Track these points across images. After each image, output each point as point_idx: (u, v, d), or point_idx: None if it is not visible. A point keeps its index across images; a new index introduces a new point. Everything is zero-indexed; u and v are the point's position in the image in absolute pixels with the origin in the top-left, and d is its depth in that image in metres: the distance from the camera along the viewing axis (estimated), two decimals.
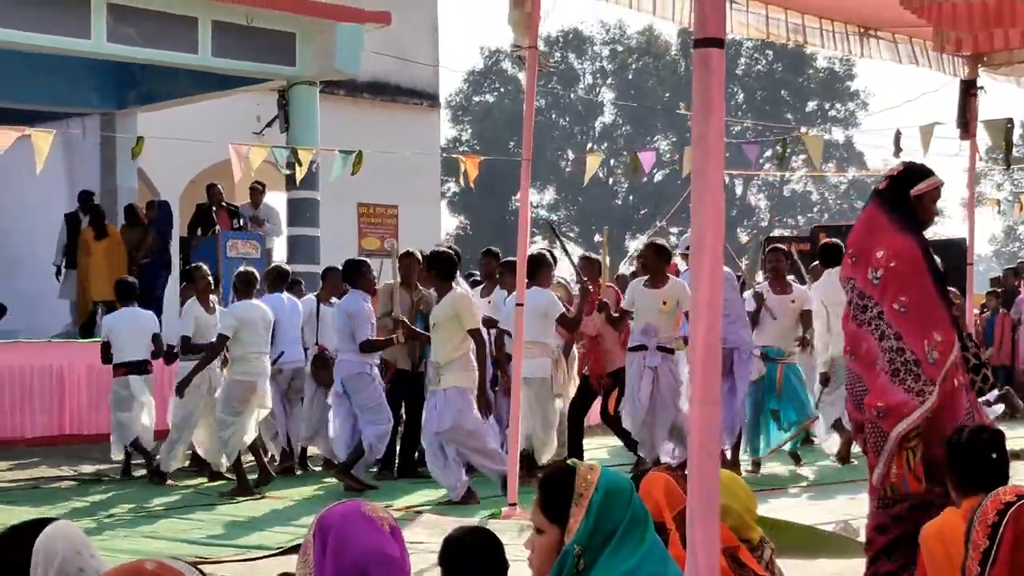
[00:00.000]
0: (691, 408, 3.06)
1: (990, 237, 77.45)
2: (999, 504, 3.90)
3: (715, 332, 3.03)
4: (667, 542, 4.59)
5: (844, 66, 64.88)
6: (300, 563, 3.37)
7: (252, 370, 13.12)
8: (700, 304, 3.04)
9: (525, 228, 10.97)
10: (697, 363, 3.02)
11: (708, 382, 3.00)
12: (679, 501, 4.72)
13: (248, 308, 13.30)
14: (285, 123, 20.28)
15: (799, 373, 13.75)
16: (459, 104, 67.69)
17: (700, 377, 2.99)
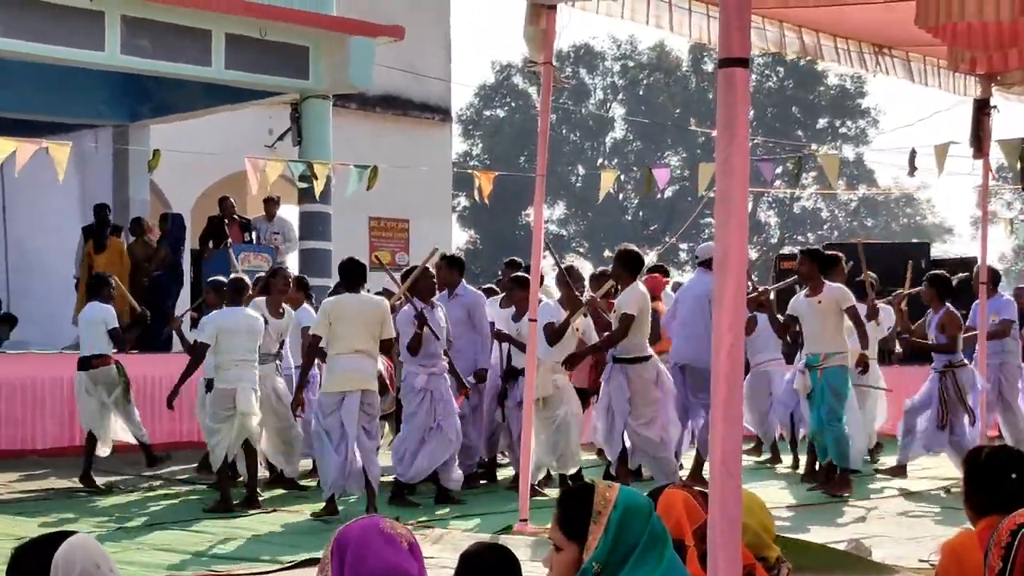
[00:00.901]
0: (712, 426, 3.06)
1: (1000, 255, 77.39)
2: (1013, 525, 3.90)
3: (738, 351, 3.03)
4: (686, 559, 4.59)
5: (855, 83, 64.88)
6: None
7: (232, 378, 13.02)
8: (723, 324, 3.04)
9: (538, 243, 10.99)
10: (720, 382, 3.02)
11: (731, 400, 3.00)
12: (698, 518, 4.72)
13: (229, 316, 13.15)
14: (298, 136, 20.32)
15: (838, 378, 13.17)
16: (470, 118, 67.74)
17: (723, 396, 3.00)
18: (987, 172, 13.21)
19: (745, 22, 3.16)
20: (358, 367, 12.31)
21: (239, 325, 13.07)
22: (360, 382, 12.30)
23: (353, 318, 12.34)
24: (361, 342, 12.35)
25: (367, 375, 12.39)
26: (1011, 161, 13.00)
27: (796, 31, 10.86)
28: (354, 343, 12.32)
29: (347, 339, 12.31)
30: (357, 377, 12.29)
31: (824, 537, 10.00)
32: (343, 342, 12.32)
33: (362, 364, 12.35)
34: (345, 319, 12.33)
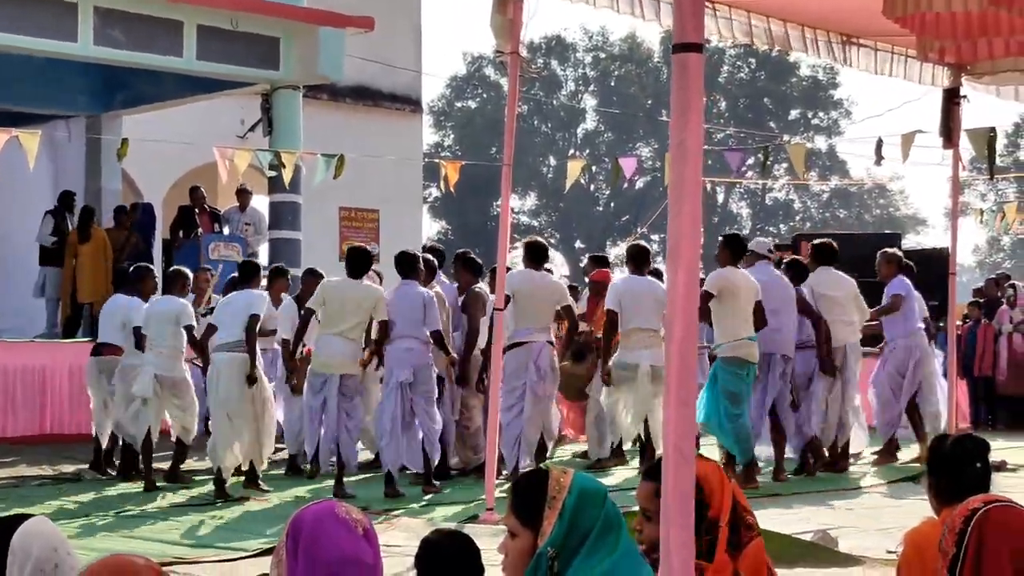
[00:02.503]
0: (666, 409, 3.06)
1: (974, 247, 77.65)
2: (966, 511, 3.91)
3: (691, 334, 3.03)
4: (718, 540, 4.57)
5: (827, 74, 65.04)
6: (273, 564, 3.35)
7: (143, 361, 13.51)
8: (677, 307, 3.04)
9: (505, 233, 10.99)
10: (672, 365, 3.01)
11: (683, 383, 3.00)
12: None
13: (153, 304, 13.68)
14: (268, 127, 20.28)
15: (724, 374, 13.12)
16: (441, 109, 67.71)
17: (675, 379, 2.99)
18: (957, 162, 13.22)
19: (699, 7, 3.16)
20: (340, 351, 12.79)
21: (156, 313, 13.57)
22: (340, 367, 12.79)
23: (343, 301, 12.85)
24: (348, 325, 12.81)
25: (347, 359, 12.84)
26: (979, 151, 13.00)
27: (764, 20, 10.85)
28: (341, 325, 12.79)
29: (335, 320, 12.80)
30: (338, 361, 12.80)
31: (791, 528, 10.01)
32: (331, 323, 12.82)
33: (344, 348, 12.81)
34: (336, 300, 12.87)
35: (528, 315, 13.17)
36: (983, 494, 4.08)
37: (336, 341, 12.80)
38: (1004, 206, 25.52)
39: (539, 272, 13.56)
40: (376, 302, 12.87)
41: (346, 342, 12.83)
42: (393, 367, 13.03)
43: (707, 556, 4.53)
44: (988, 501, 3.93)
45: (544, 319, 13.34)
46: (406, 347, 13.00)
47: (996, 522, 3.82)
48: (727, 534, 4.58)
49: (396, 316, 13.01)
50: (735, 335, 12.92)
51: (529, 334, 13.16)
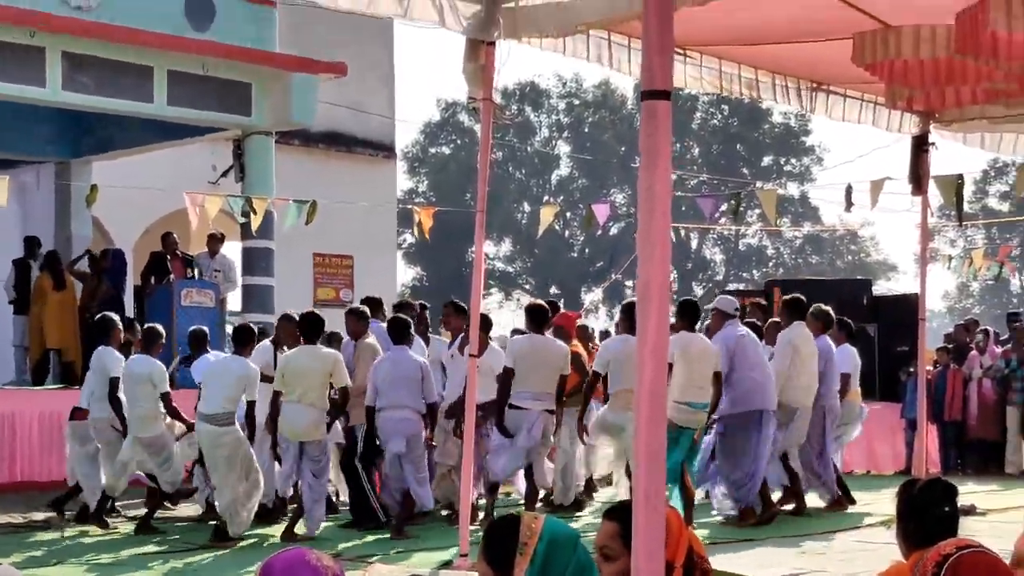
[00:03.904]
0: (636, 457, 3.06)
1: (943, 293, 77.95)
2: (938, 556, 3.92)
3: (660, 381, 3.04)
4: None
5: (799, 121, 65.36)
6: None
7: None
8: (646, 353, 3.05)
9: (479, 279, 10.99)
10: (643, 412, 3.02)
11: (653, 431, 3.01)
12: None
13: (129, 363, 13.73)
14: (240, 173, 20.28)
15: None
16: (415, 155, 67.77)
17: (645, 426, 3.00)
18: (926, 209, 13.30)
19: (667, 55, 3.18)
20: (302, 418, 12.97)
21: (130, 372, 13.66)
22: (303, 434, 13.02)
23: (303, 371, 12.97)
24: (309, 393, 12.96)
25: (311, 425, 13.02)
26: (947, 197, 13.09)
27: (735, 67, 10.92)
28: (302, 394, 12.95)
29: (296, 390, 12.95)
30: (301, 429, 13.00)
31: (763, 572, 10.01)
32: (292, 392, 12.97)
33: (306, 415, 12.99)
34: (293, 371, 13.02)
35: (528, 380, 13.21)
36: (955, 539, 4.09)
37: (295, 409, 12.96)
38: (972, 252, 25.60)
39: (542, 336, 13.55)
40: (334, 366, 13.05)
41: (306, 409, 12.98)
42: (388, 438, 13.19)
43: None
44: (960, 546, 3.94)
45: (544, 385, 13.32)
46: (400, 417, 13.14)
47: (968, 567, 3.83)
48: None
49: (388, 383, 13.10)
50: (679, 398, 12.87)
51: (526, 399, 13.22)
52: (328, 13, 19.72)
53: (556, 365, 13.41)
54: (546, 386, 13.32)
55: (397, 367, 13.15)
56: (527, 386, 13.20)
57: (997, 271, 24.65)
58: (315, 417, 13.03)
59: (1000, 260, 24.80)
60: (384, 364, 13.28)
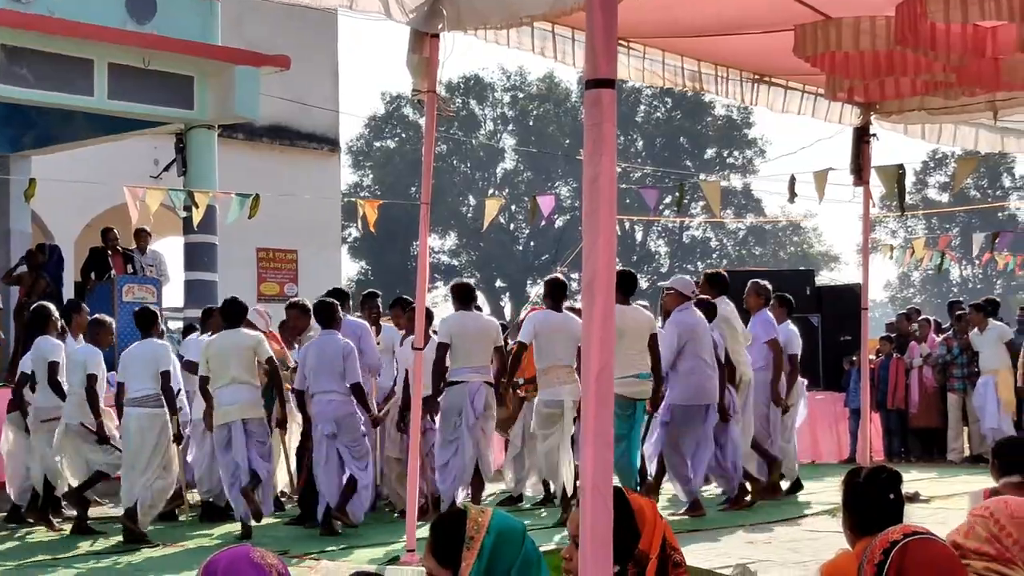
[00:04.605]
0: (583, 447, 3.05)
1: (886, 283, 78.52)
2: (885, 543, 3.92)
3: (608, 371, 3.02)
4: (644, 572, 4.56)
5: (742, 114, 65.65)
6: None
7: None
8: (593, 341, 3.03)
9: (423, 272, 10.95)
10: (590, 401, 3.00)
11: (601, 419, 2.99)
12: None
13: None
14: (183, 167, 20.16)
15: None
16: (360, 149, 67.64)
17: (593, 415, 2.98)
18: (867, 199, 13.33)
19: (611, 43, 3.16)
20: (239, 397, 12.98)
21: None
22: (240, 412, 12.98)
23: (227, 353, 13.02)
24: (241, 374, 12.99)
25: (247, 404, 13.03)
26: (889, 187, 13.14)
27: (678, 59, 10.92)
28: (233, 376, 12.97)
29: (225, 374, 12.99)
30: (236, 408, 12.98)
31: (712, 562, 10.02)
32: (222, 377, 13.00)
33: (240, 394, 13.00)
34: (217, 357, 13.04)
35: (464, 355, 13.23)
36: (901, 525, 4.09)
37: (229, 391, 12.99)
38: (913, 242, 25.76)
39: (471, 313, 13.60)
40: (257, 345, 13.13)
41: (240, 387, 13.01)
42: (317, 421, 13.16)
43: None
44: (907, 533, 3.95)
45: (480, 358, 13.36)
46: (327, 399, 13.07)
47: (915, 553, 3.84)
48: (655, 568, 4.58)
49: (316, 367, 13.09)
50: (624, 373, 12.90)
51: (465, 373, 13.21)
52: (272, 6, 19.72)
53: (490, 338, 13.47)
54: (482, 359, 13.36)
55: (322, 351, 13.14)
56: (464, 361, 13.24)
57: (939, 261, 24.83)
58: (250, 395, 13.04)
59: (941, 250, 24.98)
60: (310, 349, 13.27)
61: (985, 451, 17.50)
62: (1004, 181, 69.41)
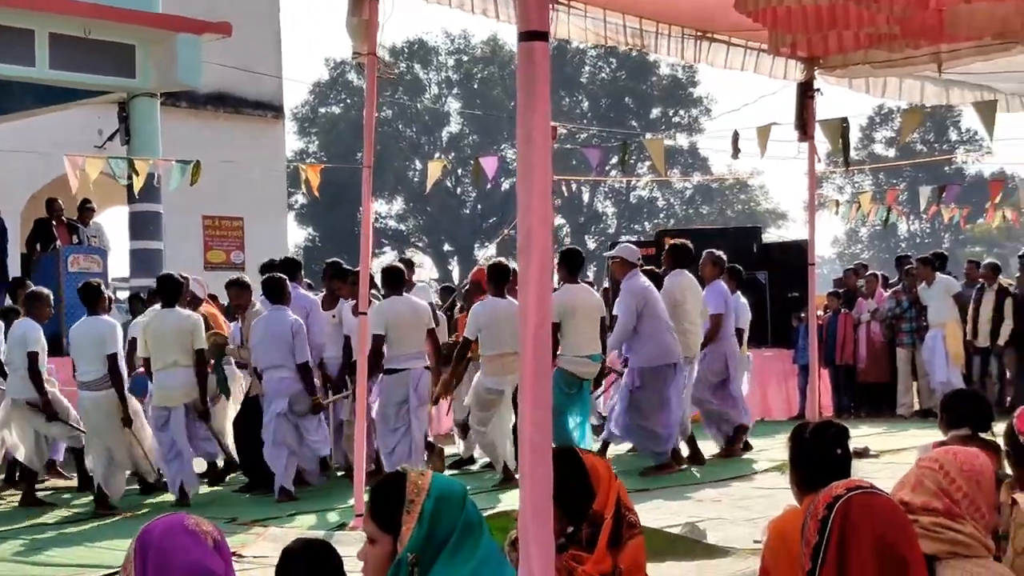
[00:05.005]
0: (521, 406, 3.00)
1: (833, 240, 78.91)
2: (829, 498, 3.90)
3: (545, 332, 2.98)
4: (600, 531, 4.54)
5: (687, 73, 65.71)
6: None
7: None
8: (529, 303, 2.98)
9: (367, 236, 10.90)
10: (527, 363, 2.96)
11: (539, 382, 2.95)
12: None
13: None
14: (126, 136, 20.01)
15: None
16: (305, 116, 67.32)
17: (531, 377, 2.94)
18: (813, 155, 13.33)
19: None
20: (180, 382, 13.03)
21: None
22: (181, 397, 13.08)
23: (165, 335, 13.00)
24: (179, 356, 13.00)
25: (188, 388, 13.08)
26: (833, 141, 13.13)
27: (619, 18, 10.87)
28: (172, 358, 12.97)
29: (164, 356, 12.98)
30: (178, 393, 13.04)
31: (660, 521, 10.01)
32: (161, 359, 13.00)
33: (182, 379, 13.05)
34: (156, 336, 13.02)
35: (400, 342, 13.15)
36: (846, 480, 4.07)
37: (171, 374, 12.98)
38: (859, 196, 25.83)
39: (402, 298, 13.48)
40: (193, 328, 13.08)
41: (181, 371, 13.00)
42: (270, 398, 13.15)
43: (588, 547, 4.51)
44: (850, 487, 3.92)
45: (416, 343, 13.27)
46: (279, 377, 13.07)
47: (859, 508, 3.81)
48: (610, 528, 4.55)
49: (264, 344, 13.08)
50: (576, 352, 13.20)
51: (405, 361, 13.14)
52: None
53: (422, 322, 13.37)
54: (417, 343, 13.29)
55: (269, 328, 13.09)
56: (401, 348, 13.15)
57: (885, 216, 24.90)
58: (191, 378, 13.02)
59: (888, 205, 25.06)
60: (259, 325, 13.23)
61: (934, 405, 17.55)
62: (951, 135, 69.78)
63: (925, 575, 3.90)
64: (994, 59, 11.41)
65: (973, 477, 4.45)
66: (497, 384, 13.09)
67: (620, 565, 4.54)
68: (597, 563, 4.49)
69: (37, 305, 13.60)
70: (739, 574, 8.15)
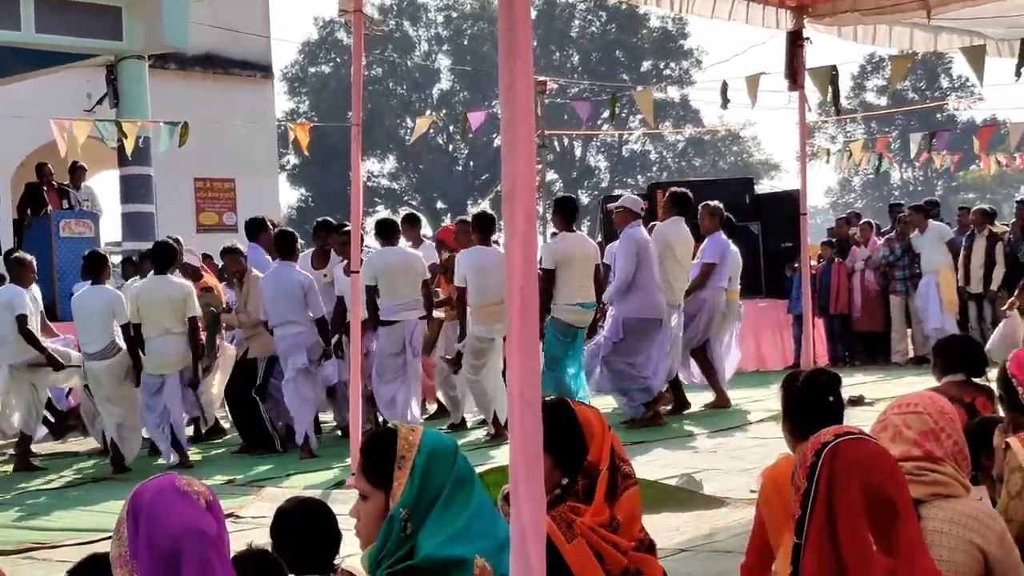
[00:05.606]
0: (510, 355, 3.00)
1: (826, 189, 78.89)
2: (817, 444, 3.89)
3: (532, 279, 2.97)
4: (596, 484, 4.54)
5: (677, 25, 65.51)
6: (114, 541, 3.23)
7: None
8: (515, 251, 2.97)
9: (357, 194, 10.88)
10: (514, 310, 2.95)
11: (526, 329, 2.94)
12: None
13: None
14: (115, 99, 19.92)
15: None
16: (295, 76, 67.14)
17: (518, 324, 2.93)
18: (803, 103, 13.29)
19: None
20: (174, 349, 12.93)
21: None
22: (175, 364, 13.00)
23: (157, 302, 12.86)
24: (172, 324, 12.88)
25: (180, 355, 12.97)
26: (823, 89, 13.09)
27: None
28: (164, 325, 12.85)
29: (156, 323, 12.84)
30: (172, 360, 12.95)
31: (657, 473, 10.04)
32: (153, 326, 12.85)
33: (175, 346, 12.95)
34: (151, 304, 12.87)
35: (393, 293, 13.14)
36: (834, 427, 4.06)
37: (164, 342, 12.87)
38: (851, 145, 25.75)
39: (395, 248, 13.48)
40: (187, 296, 12.99)
41: (174, 338, 12.90)
42: (288, 355, 13.11)
43: (585, 499, 4.51)
44: (839, 434, 3.92)
45: (409, 293, 13.28)
46: (294, 332, 13.07)
47: (847, 454, 3.81)
48: (606, 480, 4.56)
49: (274, 300, 13.04)
50: (569, 301, 13.25)
51: (399, 312, 13.14)
52: None
53: (416, 272, 13.39)
54: (412, 293, 13.30)
55: (280, 283, 13.06)
56: (394, 298, 13.16)
57: (877, 164, 24.85)
58: (184, 346, 12.97)
59: (879, 152, 24.99)
60: (268, 282, 13.17)
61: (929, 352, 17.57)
62: (942, 82, 69.68)
63: (914, 518, 3.91)
64: (983, 5, 11.38)
65: (955, 421, 4.48)
66: (488, 332, 13.08)
67: (617, 516, 4.54)
68: (595, 514, 4.49)
69: (22, 271, 13.59)
70: (735, 524, 8.17)
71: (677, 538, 7.95)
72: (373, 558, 3.87)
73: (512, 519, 2.94)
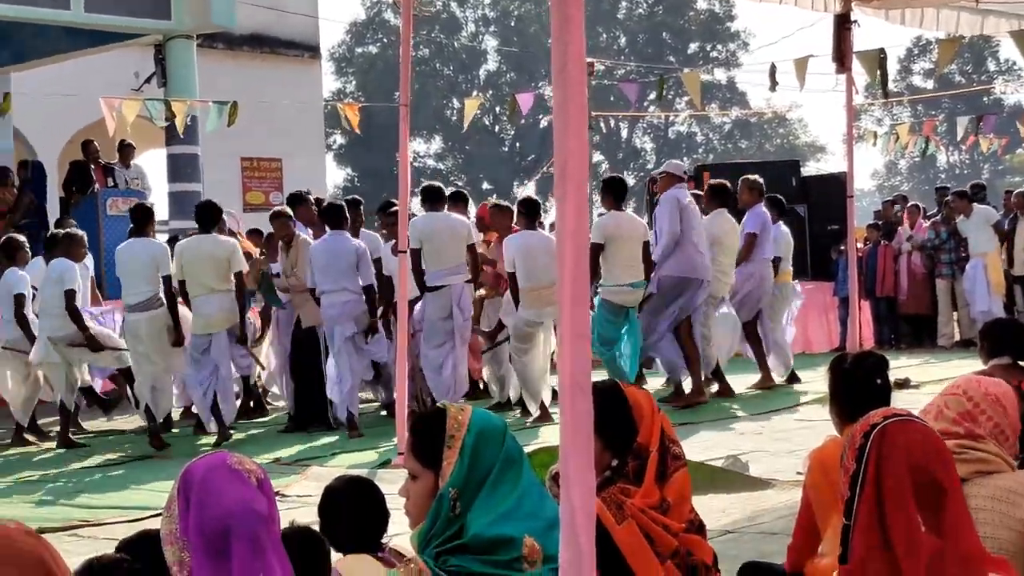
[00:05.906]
0: (561, 341, 3.01)
1: (872, 172, 78.43)
2: (866, 426, 3.90)
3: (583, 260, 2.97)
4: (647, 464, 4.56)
5: (724, 7, 65.27)
6: (164, 518, 3.25)
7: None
8: (567, 232, 2.98)
9: (405, 173, 10.90)
10: (566, 293, 2.95)
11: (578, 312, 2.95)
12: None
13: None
14: (163, 78, 19.99)
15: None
16: (342, 56, 67.19)
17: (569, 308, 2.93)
18: (850, 86, 13.26)
19: None
20: (218, 307, 12.97)
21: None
22: (222, 323, 13.03)
23: (202, 259, 12.92)
24: (217, 283, 12.92)
25: (226, 313, 13.02)
26: (871, 72, 13.04)
27: None
28: (210, 284, 12.90)
29: (200, 280, 12.90)
30: (217, 318, 13.00)
31: (702, 455, 10.03)
32: (197, 284, 12.91)
33: (221, 303, 12.98)
34: (193, 261, 12.93)
35: (439, 258, 13.15)
36: (883, 409, 4.07)
37: (209, 300, 12.92)
38: (897, 128, 25.62)
39: (439, 213, 13.48)
40: (231, 253, 13.01)
41: (219, 296, 12.95)
42: (335, 323, 13.08)
43: (635, 481, 4.52)
44: (887, 416, 3.92)
45: (455, 259, 13.27)
46: (343, 300, 13.04)
47: (895, 436, 3.82)
48: (656, 461, 4.57)
49: (324, 268, 13.02)
50: (617, 281, 13.29)
51: (444, 276, 13.15)
52: None
53: (460, 236, 13.38)
54: (456, 258, 13.30)
55: (332, 250, 13.05)
56: (438, 263, 13.19)
57: (923, 147, 24.73)
58: (230, 304, 13.03)
59: (926, 135, 24.86)
60: (320, 249, 13.15)
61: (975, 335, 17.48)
62: (989, 65, 69.13)
63: (962, 500, 3.91)
64: None
65: (999, 403, 4.48)
66: (537, 316, 13.05)
67: (667, 497, 4.55)
68: (645, 496, 4.50)
69: (72, 246, 13.64)
70: (781, 505, 8.17)
71: (723, 520, 7.95)
72: (422, 537, 3.89)
73: (562, 502, 2.95)
